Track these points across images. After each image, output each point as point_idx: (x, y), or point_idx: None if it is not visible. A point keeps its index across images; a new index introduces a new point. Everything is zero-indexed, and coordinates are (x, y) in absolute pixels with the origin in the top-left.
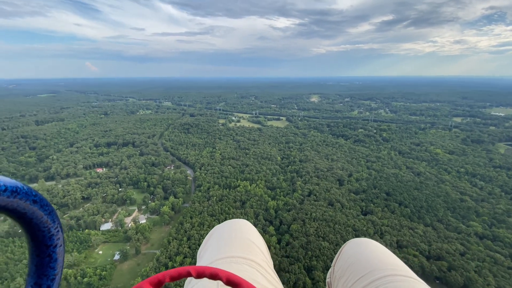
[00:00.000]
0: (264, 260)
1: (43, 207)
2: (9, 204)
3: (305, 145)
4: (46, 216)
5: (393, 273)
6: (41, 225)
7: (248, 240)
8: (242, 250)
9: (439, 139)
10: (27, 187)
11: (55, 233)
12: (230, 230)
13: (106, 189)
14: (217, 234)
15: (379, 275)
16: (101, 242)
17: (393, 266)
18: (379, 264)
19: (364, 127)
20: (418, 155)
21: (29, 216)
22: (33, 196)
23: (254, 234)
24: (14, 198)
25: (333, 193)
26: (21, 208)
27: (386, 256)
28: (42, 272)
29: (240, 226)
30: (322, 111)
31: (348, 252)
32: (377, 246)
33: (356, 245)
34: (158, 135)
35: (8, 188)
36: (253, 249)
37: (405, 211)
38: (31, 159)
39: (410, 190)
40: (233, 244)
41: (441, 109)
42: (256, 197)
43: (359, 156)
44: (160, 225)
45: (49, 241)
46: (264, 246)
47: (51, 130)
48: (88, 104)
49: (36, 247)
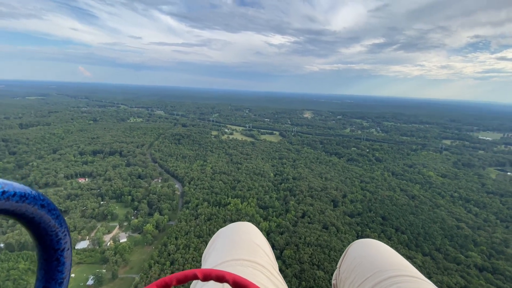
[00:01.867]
0: (269, 263)
1: (50, 212)
2: (18, 209)
3: (299, 162)
4: (53, 220)
5: (400, 274)
6: (49, 229)
7: (253, 242)
8: (247, 252)
9: (431, 162)
10: (36, 192)
11: (63, 237)
12: (235, 232)
13: (86, 202)
14: (221, 237)
15: (386, 275)
16: (75, 263)
17: (400, 267)
18: (385, 264)
19: (357, 145)
20: (412, 177)
21: (37, 220)
22: (41, 201)
23: (258, 236)
24: (23, 203)
25: (327, 215)
26: (29, 213)
27: (392, 256)
28: (51, 276)
29: (244, 229)
30: (315, 127)
31: (354, 253)
32: (383, 247)
33: (361, 246)
34: (147, 145)
35: (17, 193)
36: (258, 251)
37: (402, 237)
38: (9, 165)
39: (406, 215)
40: (237, 246)
41: (430, 131)
42: (247, 217)
43: (353, 176)
44: (142, 245)
45: (57, 245)
46: (268, 248)
47: (35, 135)
48: (78, 110)
49: (44, 251)
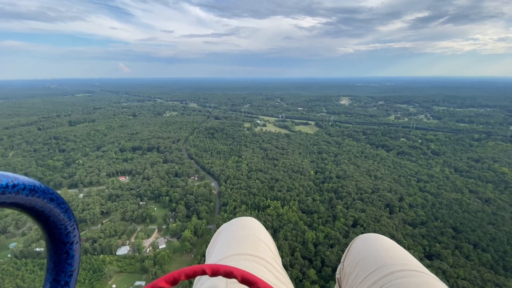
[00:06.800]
0: (272, 257)
1: (59, 205)
2: (28, 203)
3: (341, 157)
4: (62, 214)
5: (404, 268)
6: (58, 222)
7: (256, 237)
8: (250, 247)
9: (502, 154)
10: (44, 186)
11: (72, 231)
12: (238, 228)
13: (126, 203)
14: (225, 232)
15: (390, 270)
16: (115, 272)
17: (404, 261)
18: (389, 259)
19: (407, 135)
20: (481, 174)
21: (46, 214)
22: (50, 194)
23: (261, 231)
24: (33, 197)
25: (384, 224)
26: (39, 206)
27: (396, 251)
28: (60, 268)
29: (247, 224)
30: (354, 116)
31: (358, 247)
32: (387, 241)
33: (365, 241)
34: (183, 140)
35: (26, 186)
36: (261, 246)
37: (484, 257)
38: (58, 163)
39: (483, 225)
40: (241, 241)
41: (493, 116)
42: (290, 225)
43: (407, 174)
44: (181, 252)
45: (66, 238)
46: (272, 243)
47: (82, 132)
48: (119, 105)
49: (53, 244)
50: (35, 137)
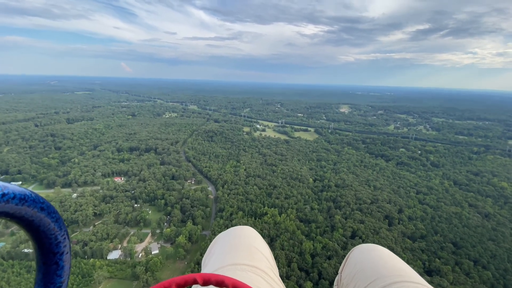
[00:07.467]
0: (269, 267)
1: (50, 214)
2: (18, 212)
3: (340, 165)
4: (53, 223)
5: (401, 280)
6: (48, 232)
7: (253, 247)
8: (247, 257)
9: (501, 169)
10: (35, 194)
11: (62, 240)
12: (235, 237)
13: (120, 205)
14: (221, 242)
15: (387, 281)
16: (105, 278)
17: (401, 272)
18: (386, 270)
19: (406, 146)
20: (480, 188)
21: (36, 223)
22: (41, 204)
23: (258, 241)
24: (23, 206)
25: (383, 237)
26: (28, 216)
27: (394, 262)
28: (49, 280)
29: (244, 233)
30: (354, 124)
31: (355, 258)
32: (384, 252)
33: (363, 251)
34: (181, 142)
35: (16, 195)
36: (258, 256)
37: (485, 275)
38: (53, 161)
39: (483, 241)
40: (237, 251)
41: (492, 129)
42: (287, 234)
43: (406, 185)
44: (174, 259)
45: (56, 248)
46: (269, 253)
47: (79, 130)
48: (118, 104)
49: (43, 255)
50: (31, 133)
